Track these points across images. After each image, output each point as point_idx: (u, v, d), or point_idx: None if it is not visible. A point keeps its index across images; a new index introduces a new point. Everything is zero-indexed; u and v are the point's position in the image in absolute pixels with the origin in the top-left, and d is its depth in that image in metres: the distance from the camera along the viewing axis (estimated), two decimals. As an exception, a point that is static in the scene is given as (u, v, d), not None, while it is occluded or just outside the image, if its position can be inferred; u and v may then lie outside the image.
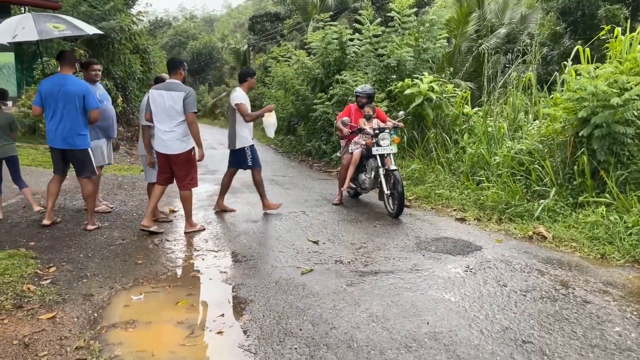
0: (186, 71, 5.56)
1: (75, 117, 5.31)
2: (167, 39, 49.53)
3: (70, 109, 5.27)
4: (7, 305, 3.60)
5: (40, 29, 5.46)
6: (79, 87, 5.34)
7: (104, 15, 13.46)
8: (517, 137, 7.82)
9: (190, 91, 5.33)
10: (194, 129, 5.30)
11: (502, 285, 4.00)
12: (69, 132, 5.31)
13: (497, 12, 20.49)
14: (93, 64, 6.27)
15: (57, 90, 5.25)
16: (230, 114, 6.51)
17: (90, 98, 5.37)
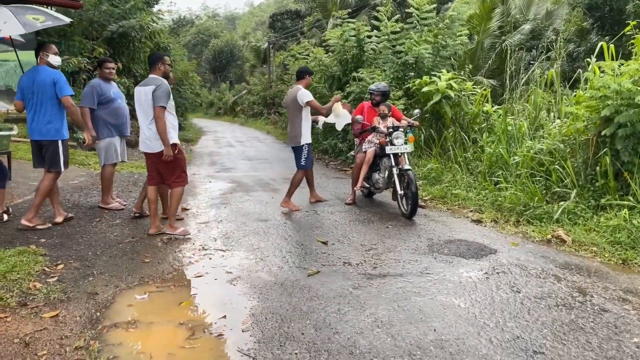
0: (167, 65, 5.25)
1: (48, 108, 5.27)
2: (189, 37, 49.99)
3: (43, 100, 5.25)
4: (11, 303, 3.60)
5: (24, 22, 5.42)
6: (49, 75, 5.25)
7: (124, 13, 13.54)
8: (537, 136, 7.58)
9: (160, 84, 4.99)
10: (158, 125, 4.93)
11: (515, 291, 3.84)
12: (41, 122, 5.29)
13: (521, 7, 20.04)
14: (107, 62, 6.29)
15: (31, 82, 5.26)
16: (292, 112, 6.56)
17: (60, 85, 5.24)
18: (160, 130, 4.96)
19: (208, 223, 5.96)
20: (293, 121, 6.58)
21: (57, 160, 5.41)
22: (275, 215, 6.31)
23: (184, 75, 19.63)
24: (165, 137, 4.97)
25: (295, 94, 6.49)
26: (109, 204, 6.34)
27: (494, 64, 17.04)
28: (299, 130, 6.53)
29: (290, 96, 6.66)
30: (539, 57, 14.62)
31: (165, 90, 4.98)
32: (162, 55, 5.32)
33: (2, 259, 4.28)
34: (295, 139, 6.57)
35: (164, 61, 5.20)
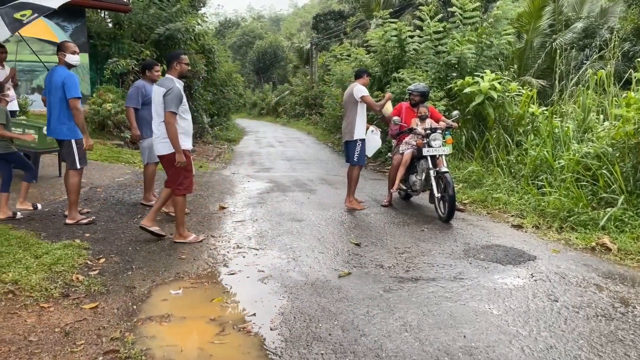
0: (184, 65, 5.03)
1: (61, 108, 5.38)
2: (235, 39, 50.88)
3: (56, 100, 5.39)
4: (55, 294, 3.77)
5: (9, 22, 5.52)
6: (61, 76, 5.34)
7: (171, 16, 13.95)
8: (585, 139, 7.29)
9: (172, 88, 4.79)
10: (169, 131, 4.75)
11: (553, 299, 3.71)
12: (55, 122, 5.43)
13: (574, 5, 19.31)
14: (155, 65, 6.46)
15: (49, 82, 5.43)
16: (350, 107, 6.68)
17: (69, 86, 5.28)
18: (171, 136, 4.79)
19: (244, 222, 6.05)
20: (348, 116, 6.68)
21: (72, 158, 5.53)
22: (310, 216, 6.34)
23: (227, 76, 20.02)
24: (177, 143, 4.80)
25: (352, 90, 6.65)
26: (151, 201, 6.53)
27: (544, 64, 16.49)
28: (353, 124, 6.61)
29: (347, 92, 6.81)
30: (592, 57, 14.06)
31: (176, 95, 4.79)
32: (179, 54, 5.09)
33: (49, 252, 4.48)
34: (350, 134, 6.65)
35: (180, 60, 4.99)
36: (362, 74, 6.83)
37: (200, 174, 9.44)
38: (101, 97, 11.22)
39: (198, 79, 15.85)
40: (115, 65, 11.94)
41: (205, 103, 16.79)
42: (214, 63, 17.39)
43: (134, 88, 6.27)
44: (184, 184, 5.03)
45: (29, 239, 4.84)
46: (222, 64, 19.29)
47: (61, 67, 5.47)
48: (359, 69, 7.12)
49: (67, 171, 5.61)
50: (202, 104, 16.48)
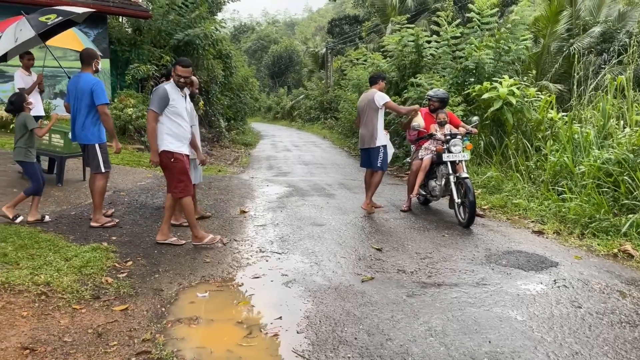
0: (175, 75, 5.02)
1: (86, 114, 5.49)
2: (250, 43, 51.27)
3: (82, 105, 5.48)
4: (86, 296, 3.87)
5: (34, 24, 5.69)
6: (89, 83, 5.45)
7: (190, 22, 14.14)
8: (605, 145, 7.26)
9: (157, 89, 5.03)
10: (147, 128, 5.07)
11: (576, 306, 3.73)
12: (79, 127, 5.54)
13: (591, 9, 19.17)
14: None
15: (74, 88, 5.53)
16: (369, 114, 6.71)
17: (97, 93, 5.41)
18: (148, 135, 5.04)
19: (265, 226, 6.14)
20: (368, 123, 6.70)
21: (97, 162, 5.64)
22: (330, 220, 6.40)
23: (244, 80, 20.21)
24: (152, 141, 4.94)
25: (372, 96, 6.69)
26: None
27: (561, 69, 16.41)
28: (375, 131, 6.66)
29: (365, 99, 6.83)
30: (610, 62, 13.96)
31: (159, 94, 4.92)
32: (176, 64, 5.13)
33: (78, 254, 4.60)
34: (372, 141, 6.68)
35: (175, 70, 5.04)
36: (377, 80, 6.88)
37: (220, 178, 9.57)
38: (122, 102, 11.43)
39: (215, 84, 16.04)
40: (136, 71, 12.16)
41: (222, 107, 16.97)
42: (231, 68, 17.59)
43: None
44: (178, 187, 5.04)
45: (58, 241, 4.97)
46: (239, 68, 19.48)
47: (87, 74, 5.60)
48: (374, 75, 7.12)
49: (92, 175, 5.72)
50: (219, 109, 16.66)
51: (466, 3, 22.61)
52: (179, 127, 5.03)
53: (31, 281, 3.92)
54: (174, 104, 4.95)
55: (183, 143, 5.09)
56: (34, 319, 3.44)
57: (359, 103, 6.99)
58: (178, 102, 5.00)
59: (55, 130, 7.20)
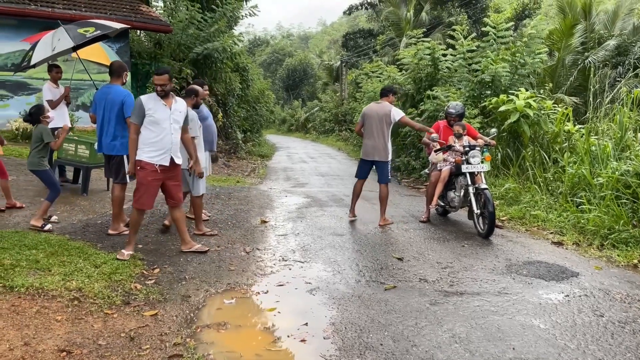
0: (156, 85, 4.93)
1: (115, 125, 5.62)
2: (265, 57, 51.86)
3: (111, 116, 5.61)
4: (117, 302, 3.99)
5: (73, 35, 5.86)
6: (120, 94, 5.59)
7: (208, 36, 14.43)
8: (623, 157, 7.28)
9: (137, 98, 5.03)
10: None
11: (598, 315, 3.77)
12: (108, 138, 5.67)
13: (605, 23, 19.19)
14: (204, 84, 6.74)
15: (103, 99, 5.65)
16: (382, 127, 6.71)
17: (128, 106, 5.52)
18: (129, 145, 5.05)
19: (286, 235, 6.24)
20: (380, 136, 6.69)
21: (123, 172, 5.77)
22: (350, 230, 6.49)
23: (260, 93, 20.47)
24: (131, 153, 4.99)
25: (389, 110, 6.72)
26: None
27: (576, 81, 16.42)
28: (387, 144, 6.74)
29: (378, 111, 6.79)
30: (626, 75, 13.94)
31: (134, 105, 4.99)
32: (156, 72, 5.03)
33: (107, 262, 4.74)
34: (385, 154, 6.73)
35: (153, 80, 5.03)
36: (388, 93, 6.95)
37: (239, 188, 9.71)
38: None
39: (233, 96, 16.29)
40: (155, 84, 12.40)
41: (239, 119, 17.20)
42: (248, 81, 17.84)
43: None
44: (135, 196, 5.01)
45: (87, 249, 5.11)
46: (255, 81, 19.75)
47: (118, 86, 5.77)
48: (387, 88, 7.22)
49: (114, 185, 5.86)
50: (236, 121, 16.88)
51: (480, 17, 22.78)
52: (156, 135, 4.93)
53: (64, 287, 4.06)
54: (150, 113, 4.88)
55: (158, 152, 4.96)
56: (68, 323, 3.56)
57: (368, 112, 6.88)
58: (156, 111, 4.91)
59: (81, 141, 7.40)
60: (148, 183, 4.96)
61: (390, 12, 25.42)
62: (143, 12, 13.44)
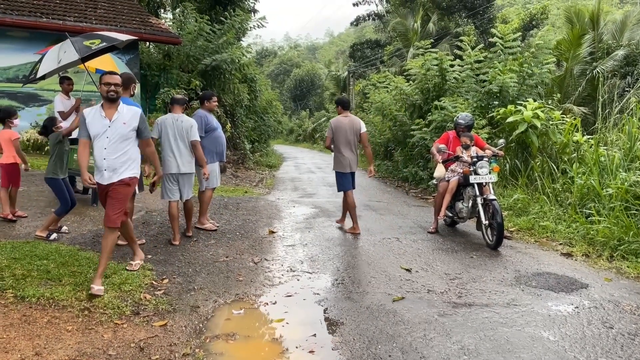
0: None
1: None
2: (273, 67, 52.25)
3: None
4: (126, 312, 4.02)
5: (79, 48, 5.90)
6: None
7: (217, 48, 14.57)
8: (633, 168, 7.25)
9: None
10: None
11: (608, 327, 3.74)
12: None
13: (614, 33, 19.17)
14: (214, 96, 6.81)
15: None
16: (354, 140, 7.01)
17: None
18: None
19: (294, 246, 6.26)
20: (354, 148, 7.01)
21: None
22: (358, 241, 6.50)
23: (268, 104, 20.61)
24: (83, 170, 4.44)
25: (359, 123, 7.06)
26: (204, 225, 6.83)
27: (585, 91, 16.38)
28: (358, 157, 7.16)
29: (351, 124, 6.98)
30: (635, 85, 13.90)
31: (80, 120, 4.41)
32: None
33: (116, 272, 4.78)
34: (356, 165, 7.11)
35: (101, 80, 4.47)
36: (349, 105, 7.29)
37: (247, 199, 9.75)
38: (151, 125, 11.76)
39: (241, 107, 16.41)
40: (166, 95, 12.55)
41: (247, 130, 17.31)
42: (256, 91, 17.97)
43: (197, 117, 6.48)
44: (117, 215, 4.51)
45: (97, 259, 5.15)
46: (263, 92, 19.89)
47: (126, 98, 5.84)
48: (347, 99, 7.48)
49: None
50: (244, 131, 16.98)
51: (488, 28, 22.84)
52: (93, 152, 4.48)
53: (74, 297, 4.10)
54: (87, 128, 4.35)
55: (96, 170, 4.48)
56: (78, 333, 3.60)
57: (339, 125, 6.95)
58: (92, 124, 4.34)
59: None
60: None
61: (397, 23, 25.57)
62: (153, 24, 13.62)
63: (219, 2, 17.92)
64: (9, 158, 6.32)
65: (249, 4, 19.67)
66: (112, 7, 13.75)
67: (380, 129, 15.87)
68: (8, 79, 11.62)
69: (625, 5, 42.00)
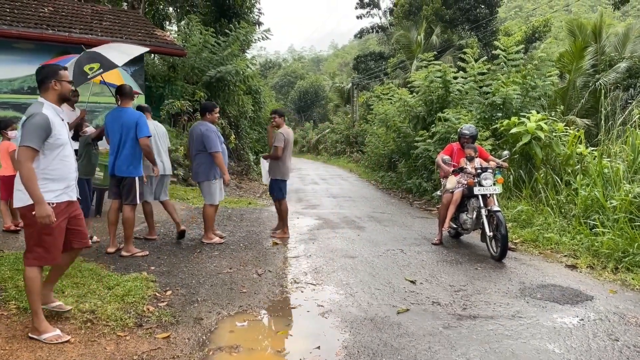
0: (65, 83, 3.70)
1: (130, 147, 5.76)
2: (277, 79, 52.57)
3: (127, 139, 5.73)
4: (129, 324, 4.01)
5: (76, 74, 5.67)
6: (133, 117, 5.73)
7: (222, 60, 14.69)
8: (636, 179, 7.23)
9: (32, 114, 3.52)
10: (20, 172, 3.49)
11: (613, 339, 3.71)
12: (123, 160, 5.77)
13: (616, 45, 19.26)
14: (216, 107, 6.86)
15: (116, 122, 5.79)
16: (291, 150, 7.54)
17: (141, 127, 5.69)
18: (24, 181, 3.43)
19: (298, 257, 6.25)
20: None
21: (134, 194, 5.88)
22: (362, 253, 6.48)
23: (272, 115, 20.70)
24: (34, 188, 3.41)
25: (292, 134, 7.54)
26: (212, 240, 6.76)
27: (588, 104, 16.41)
28: None
29: (291, 135, 7.46)
30: (637, 97, 13.91)
31: (36, 124, 3.44)
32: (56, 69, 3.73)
33: (120, 284, 4.77)
34: None
35: (59, 77, 3.67)
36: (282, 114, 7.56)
37: (250, 210, 9.76)
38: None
39: (245, 119, 16.49)
40: (171, 106, 12.63)
41: (251, 141, 17.38)
42: (260, 103, 18.08)
43: (212, 133, 6.50)
44: (35, 251, 3.59)
45: (100, 271, 5.17)
46: (267, 103, 19.99)
47: (130, 108, 5.90)
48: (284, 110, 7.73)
49: (125, 206, 5.92)
50: (248, 142, 17.05)
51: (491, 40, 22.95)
52: (61, 162, 3.64)
53: (77, 308, 4.09)
54: (55, 134, 3.55)
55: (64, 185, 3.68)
56: (81, 345, 3.58)
57: (289, 136, 7.34)
58: (60, 130, 3.62)
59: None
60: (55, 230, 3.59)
61: (401, 36, 25.73)
62: (158, 37, 13.73)
63: (224, 14, 18.10)
64: (8, 170, 6.34)
65: (253, 17, 19.87)
66: (117, 19, 13.88)
67: (384, 141, 15.91)
68: (13, 91, 11.70)
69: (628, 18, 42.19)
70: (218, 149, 6.46)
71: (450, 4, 26.81)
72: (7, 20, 11.36)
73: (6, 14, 11.66)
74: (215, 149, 6.44)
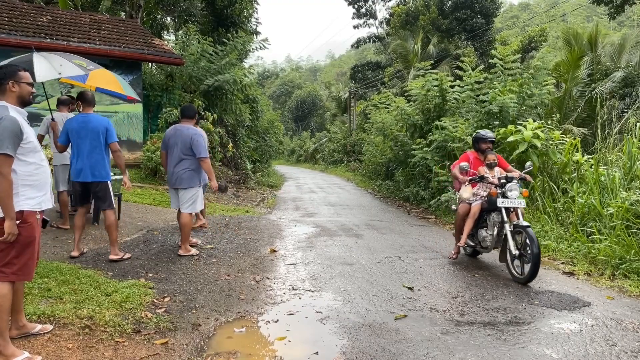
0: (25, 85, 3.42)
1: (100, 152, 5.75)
2: (274, 88, 52.79)
3: (95, 144, 5.72)
4: (127, 330, 4.00)
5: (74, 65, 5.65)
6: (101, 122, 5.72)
7: (219, 69, 14.76)
8: (633, 187, 7.28)
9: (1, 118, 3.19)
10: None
11: (611, 344, 3.73)
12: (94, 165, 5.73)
13: (612, 55, 19.44)
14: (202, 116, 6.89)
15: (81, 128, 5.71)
16: None
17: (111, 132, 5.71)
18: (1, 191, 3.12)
19: (296, 265, 6.25)
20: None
21: (110, 198, 5.89)
22: (359, 260, 6.49)
23: (269, 124, 20.77)
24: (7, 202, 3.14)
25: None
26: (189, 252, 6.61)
27: (584, 112, 16.53)
28: None
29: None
30: (633, 105, 14.01)
31: (6, 128, 3.16)
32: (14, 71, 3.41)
33: (118, 290, 4.77)
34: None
35: (17, 78, 3.39)
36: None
37: (248, 218, 9.76)
38: (154, 144, 11.87)
39: (242, 127, 16.53)
40: (168, 115, 12.67)
41: (248, 150, 17.41)
42: (258, 112, 18.15)
43: (201, 138, 6.39)
44: (14, 265, 3.29)
45: (98, 277, 5.16)
46: (265, 112, 20.07)
47: (96, 114, 5.90)
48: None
49: (105, 212, 5.90)
50: (246, 151, 17.08)
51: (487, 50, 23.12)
52: (38, 167, 3.44)
53: (75, 315, 4.08)
54: (26, 137, 3.30)
55: (42, 192, 3.49)
56: (79, 351, 3.58)
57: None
58: (30, 133, 3.36)
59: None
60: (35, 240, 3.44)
61: (397, 45, 25.92)
62: (156, 46, 13.81)
63: (222, 23, 18.23)
64: None
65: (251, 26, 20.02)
66: (115, 28, 13.96)
67: (382, 149, 15.97)
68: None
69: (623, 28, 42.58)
70: (207, 154, 6.38)
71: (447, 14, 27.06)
72: (6, 29, 11.41)
73: (5, 22, 11.71)
74: (205, 155, 6.28)
